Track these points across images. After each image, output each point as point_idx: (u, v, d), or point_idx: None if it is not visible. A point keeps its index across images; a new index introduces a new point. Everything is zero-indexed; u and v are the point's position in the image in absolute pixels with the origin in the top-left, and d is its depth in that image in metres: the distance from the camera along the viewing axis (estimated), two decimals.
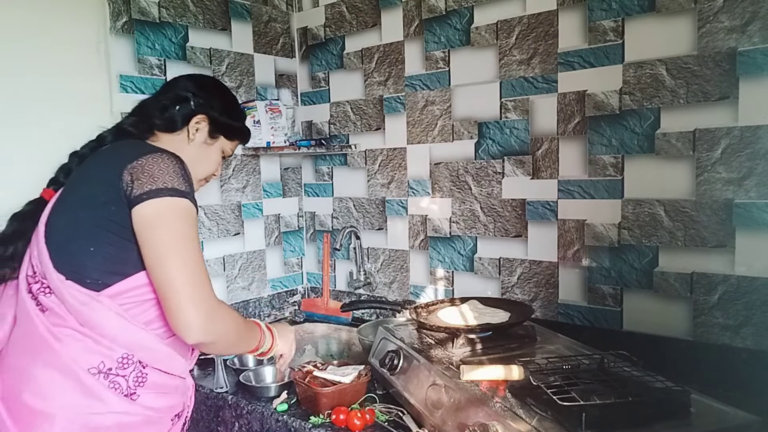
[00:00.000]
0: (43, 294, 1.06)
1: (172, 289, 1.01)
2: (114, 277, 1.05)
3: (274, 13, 2.36)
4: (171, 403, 1.14)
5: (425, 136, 2.06)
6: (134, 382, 1.06)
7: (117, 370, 1.05)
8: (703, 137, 1.49)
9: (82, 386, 1.02)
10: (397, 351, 1.49)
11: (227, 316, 1.10)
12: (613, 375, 1.20)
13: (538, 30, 1.75)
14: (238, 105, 1.39)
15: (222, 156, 1.34)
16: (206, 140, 1.29)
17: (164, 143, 1.22)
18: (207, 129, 1.28)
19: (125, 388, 1.05)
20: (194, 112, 1.26)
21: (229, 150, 1.36)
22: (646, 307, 1.60)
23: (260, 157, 2.31)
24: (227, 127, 1.31)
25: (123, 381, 1.05)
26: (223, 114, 1.30)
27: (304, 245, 2.51)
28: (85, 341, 1.03)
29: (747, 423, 1.03)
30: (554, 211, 1.76)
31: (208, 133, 1.28)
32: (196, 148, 1.28)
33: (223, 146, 1.33)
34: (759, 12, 1.39)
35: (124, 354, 1.05)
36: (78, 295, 1.03)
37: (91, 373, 1.03)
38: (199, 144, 1.28)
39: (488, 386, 1.21)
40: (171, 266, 1.02)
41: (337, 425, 1.40)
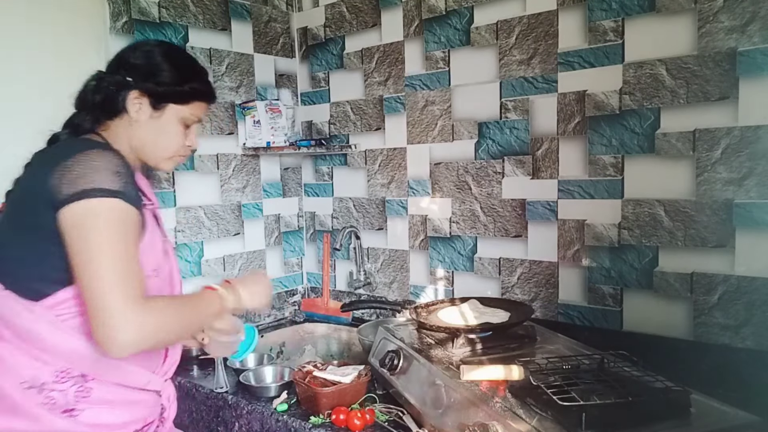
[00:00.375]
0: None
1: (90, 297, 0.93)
2: (53, 286, 1.00)
3: (274, 13, 2.36)
4: (130, 418, 1.08)
5: (425, 136, 2.06)
6: (74, 397, 1.00)
7: (53, 384, 0.99)
8: (703, 137, 1.49)
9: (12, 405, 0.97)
10: (397, 351, 1.49)
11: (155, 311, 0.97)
12: (613, 375, 1.20)
13: (538, 30, 1.75)
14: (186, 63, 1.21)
15: (186, 125, 1.20)
16: (152, 115, 1.15)
17: (113, 131, 1.14)
18: (148, 102, 1.14)
19: (63, 404, 0.99)
20: (129, 89, 1.13)
21: (190, 115, 1.19)
22: (646, 307, 1.60)
23: (260, 157, 2.31)
24: (172, 93, 1.16)
25: (60, 396, 0.99)
26: (161, 81, 1.14)
27: (304, 245, 2.52)
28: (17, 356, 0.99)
29: (747, 423, 1.03)
30: (554, 211, 1.76)
31: (151, 107, 1.14)
32: (146, 126, 1.15)
33: (179, 114, 1.17)
34: (759, 12, 1.39)
35: (63, 368, 1.00)
36: (14, 306, 0.99)
37: (23, 388, 0.98)
38: (146, 121, 1.15)
39: (488, 386, 1.21)
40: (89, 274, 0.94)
41: (337, 425, 1.40)
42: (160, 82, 1.14)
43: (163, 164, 1.22)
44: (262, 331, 2.13)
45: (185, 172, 2.05)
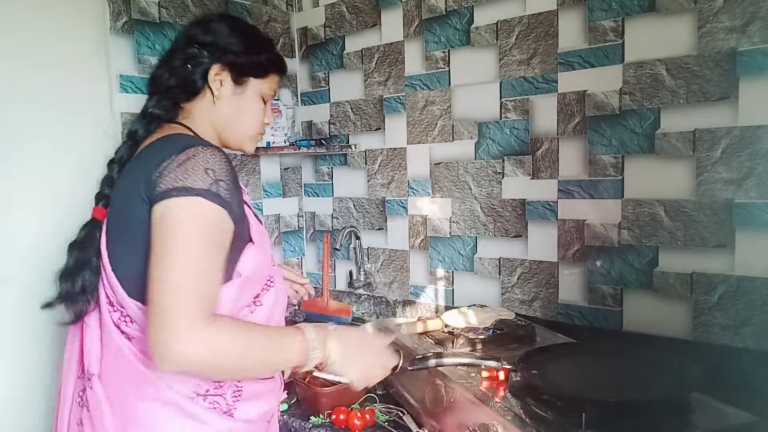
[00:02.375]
0: (124, 323, 0.99)
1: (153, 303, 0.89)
2: None
3: (274, 13, 2.36)
4: (266, 408, 1.09)
5: (425, 136, 2.06)
6: (232, 399, 1.02)
7: (214, 390, 1.00)
8: (703, 137, 1.49)
9: (183, 412, 0.97)
10: (397, 351, 1.48)
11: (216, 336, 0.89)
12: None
13: (538, 30, 1.75)
14: (258, 34, 1.17)
15: (264, 100, 1.15)
16: (235, 90, 1.11)
17: (195, 114, 1.11)
18: (230, 77, 1.10)
19: (224, 405, 1.01)
20: (208, 64, 1.08)
21: (268, 90, 1.15)
22: (646, 307, 1.60)
23: (260, 157, 2.31)
24: (252, 64, 1.11)
25: (221, 399, 1.01)
26: (241, 52, 1.10)
27: (304, 245, 2.51)
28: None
29: (747, 423, 1.03)
30: (554, 211, 1.76)
31: (233, 82, 1.10)
32: (228, 103, 1.11)
33: (259, 89, 1.14)
34: (759, 12, 1.39)
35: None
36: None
37: (190, 397, 0.98)
38: (229, 98, 1.11)
39: (488, 386, 1.21)
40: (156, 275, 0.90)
41: (337, 425, 1.40)
42: (239, 53, 1.09)
43: (247, 144, 1.17)
44: None
45: None
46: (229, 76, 1.10)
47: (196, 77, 1.08)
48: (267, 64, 1.13)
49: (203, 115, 1.10)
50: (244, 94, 1.12)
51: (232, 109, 1.11)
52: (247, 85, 1.12)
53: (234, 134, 1.14)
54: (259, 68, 1.12)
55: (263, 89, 1.14)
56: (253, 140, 1.18)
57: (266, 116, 1.17)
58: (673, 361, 1.22)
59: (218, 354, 0.90)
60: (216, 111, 1.10)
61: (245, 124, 1.14)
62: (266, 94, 1.15)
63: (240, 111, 1.12)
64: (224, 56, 1.08)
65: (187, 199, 0.92)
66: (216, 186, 0.94)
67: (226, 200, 0.95)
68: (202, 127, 1.10)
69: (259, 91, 1.14)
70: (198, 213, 0.92)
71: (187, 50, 1.09)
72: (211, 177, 0.94)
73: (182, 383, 0.97)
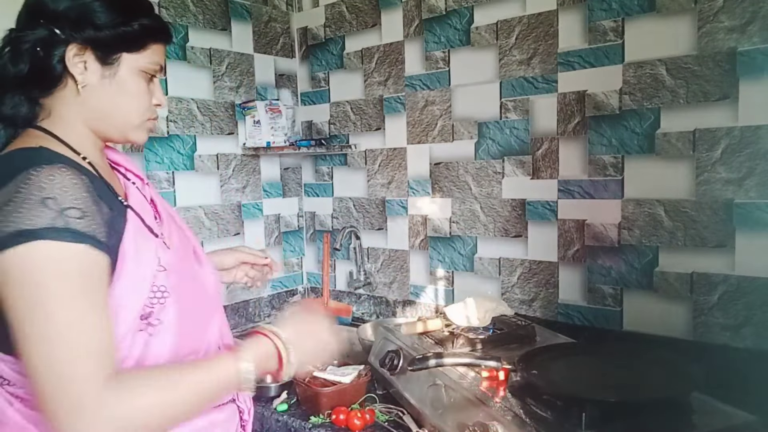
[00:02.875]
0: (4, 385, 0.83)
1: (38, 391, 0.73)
2: None
3: (274, 13, 2.36)
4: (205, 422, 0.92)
5: (425, 136, 2.06)
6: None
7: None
8: (703, 137, 1.49)
9: None
10: (397, 351, 1.49)
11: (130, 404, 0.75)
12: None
13: (538, 30, 1.75)
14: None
15: (148, 76, 0.92)
16: (104, 73, 0.87)
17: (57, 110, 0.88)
18: (94, 57, 0.87)
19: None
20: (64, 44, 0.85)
21: (150, 64, 0.91)
22: (646, 307, 1.60)
23: (260, 157, 2.31)
24: (122, 37, 0.87)
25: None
26: (105, 23, 0.86)
27: (304, 245, 2.51)
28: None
29: (747, 423, 1.03)
30: (554, 211, 1.76)
31: (99, 62, 0.87)
32: (99, 90, 0.88)
33: (137, 65, 0.90)
34: (759, 12, 1.39)
35: None
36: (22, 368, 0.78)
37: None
38: (99, 83, 0.88)
39: (488, 386, 1.21)
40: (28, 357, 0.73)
41: (337, 425, 1.40)
42: (101, 26, 0.86)
43: (133, 134, 0.94)
44: None
45: (185, 172, 2.05)
46: (93, 55, 0.86)
47: (52, 63, 0.84)
48: (142, 33, 0.89)
49: (68, 109, 0.88)
50: (116, 76, 0.88)
51: (105, 96, 0.88)
52: (120, 63, 0.88)
53: (114, 126, 0.92)
54: (132, 40, 0.88)
55: (142, 64, 0.90)
56: (142, 128, 0.94)
57: (155, 96, 0.95)
58: (673, 361, 1.22)
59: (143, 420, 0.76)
60: (84, 102, 0.88)
61: (125, 111, 0.91)
62: (149, 69, 0.92)
63: (116, 96, 0.89)
64: (83, 32, 0.85)
65: (27, 246, 0.72)
66: (62, 219, 0.74)
67: (82, 232, 0.75)
68: (70, 125, 0.89)
69: (136, 68, 0.90)
70: (48, 261, 0.73)
71: (35, 30, 0.85)
72: (53, 208, 0.74)
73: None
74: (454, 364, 1.27)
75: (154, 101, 0.95)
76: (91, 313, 0.76)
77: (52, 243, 0.73)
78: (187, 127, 2.05)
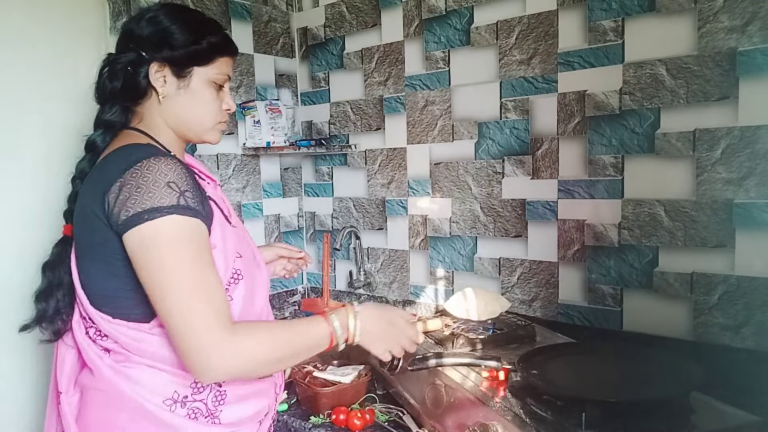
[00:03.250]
0: (99, 338, 0.99)
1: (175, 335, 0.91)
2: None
3: (274, 13, 2.36)
4: (256, 408, 1.06)
5: (425, 136, 2.06)
6: (214, 404, 1.00)
7: (193, 395, 0.98)
8: (703, 137, 1.49)
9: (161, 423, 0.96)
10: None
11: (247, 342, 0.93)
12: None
13: (538, 30, 1.75)
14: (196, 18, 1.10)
15: (217, 85, 1.09)
16: (179, 85, 1.06)
17: (147, 117, 1.07)
18: (171, 72, 1.05)
19: (205, 411, 0.99)
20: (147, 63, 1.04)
21: (218, 75, 1.08)
22: (646, 307, 1.60)
23: (260, 157, 2.31)
24: (192, 54, 1.05)
25: (202, 405, 0.99)
26: (177, 45, 1.04)
27: (304, 245, 2.51)
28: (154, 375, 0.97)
29: (747, 423, 1.03)
30: (554, 211, 1.76)
31: (175, 76, 1.05)
32: (176, 99, 1.06)
33: (207, 76, 1.07)
34: (759, 12, 1.39)
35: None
36: (130, 332, 0.97)
37: (166, 405, 0.96)
38: (176, 94, 1.06)
39: (488, 386, 1.21)
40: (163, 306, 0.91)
41: (337, 425, 1.40)
42: (176, 46, 1.03)
43: (208, 136, 1.12)
44: None
45: None
46: (170, 71, 1.04)
47: (139, 79, 1.04)
48: (209, 50, 1.06)
49: (155, 115, 1.07)
50: (189, 87, 1.06)
51: (181, 104, 1.06)
52: (191, 76, 1.06)
53: (191, 129, 1.10)
54: (200, 56, 1.05)
55: (211, 75, 1.07)
56: (215, 131, 1.12)
57: (225, 102, 1.12)
58: (673, 361, 1.22)
59: (252, 360, 0.94)
60: (165, 109, 1.06)
61: (199, 116, 1.08)
62: (217, 79, 1.08)
63: (190, 104, 1.07)
64: (161, 52, 1.03)
65: (160, 220, 0.90)
66: (183, 198, 0.93)
67: (197, 209, 0.94)
68: (158, 127, 1.07)
69: (207, 79, 1.07)
70: (177, 232, 0.92)
71: (126, 52, 1.05)
72: (176, 190, 0.93)
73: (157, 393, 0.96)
74: (454, 364, 1.27)
75: (224, 107, 1.12)
76: (210, 272, 0.94)
77: (179, 217, 0.92)
78: None
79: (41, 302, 1.04)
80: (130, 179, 0.92)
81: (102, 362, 0.98)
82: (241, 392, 1.03)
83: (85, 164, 1.07)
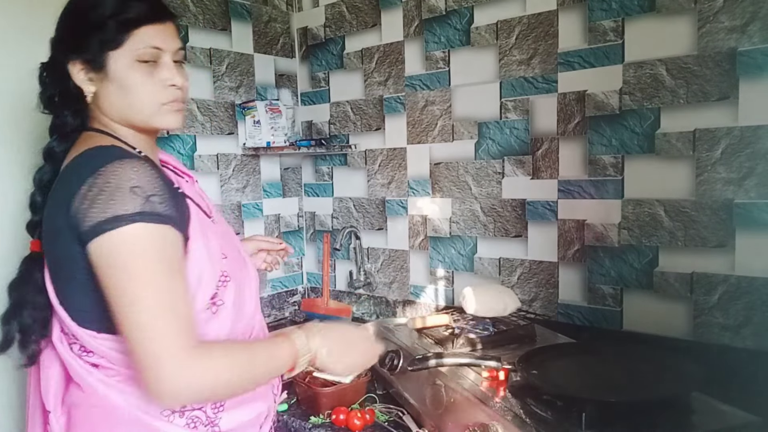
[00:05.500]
0: (85, 354, 0.93)
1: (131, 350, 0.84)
2: None
3: (274, 13, 2.36)
4: (255, 413, 1.03)
5: (425, 136, 2.06)
6: (213, 411, 0.95)
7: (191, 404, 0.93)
8: (703, 137, 1.49)
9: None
10: (397, 351, 1.49)
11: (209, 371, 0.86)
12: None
13: (538, 30, 1.75)
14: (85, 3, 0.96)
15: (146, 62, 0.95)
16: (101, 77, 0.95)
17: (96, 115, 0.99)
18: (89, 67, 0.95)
19: (205, 419, 0.94)
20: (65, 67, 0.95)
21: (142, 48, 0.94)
22: (646, 307, 1.60)
23: (260, 157, 2.31)
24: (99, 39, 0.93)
25: (201, 414, 0.94)
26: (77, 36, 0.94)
27: (304, 245, 2.51)
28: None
29: (747, 423, 1.03)
30: (554, 211, 1.76)
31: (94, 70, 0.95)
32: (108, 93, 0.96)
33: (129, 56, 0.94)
34: (759, 12, 1.39)
35: None
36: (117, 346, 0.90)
37: (164, 415, 0.92)
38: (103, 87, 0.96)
39: (488, 386, 1.21)
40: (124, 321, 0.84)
41: (337, 425, 1.40)
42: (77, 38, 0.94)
43: (157, 120, 0.98)
44: None
45: None
46: (88, 66, 0.95)
47: (67, 82, 0.96)
48: (117, 28, 0.92)
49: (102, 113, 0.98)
50: (112, 74, 0.94)
51: (114, 96, 0.95)
52: (108, 62, 0.93)
53: (135, 118, 0.98)
54: (107, 38, 0.92)
55: (133, 54, 0.94)
56: (163, 113, 0.98)
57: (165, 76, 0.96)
58: (673, 361, 1.22)
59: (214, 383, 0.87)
60: (102, 106, 0.97)
61: (137, 104, 0.96)
62: (141, 56, 0.94)
63: (120, 93, 0.95)
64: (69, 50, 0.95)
65: (123, 229, 0.83)
66: (149, 204, 0.85)
67: (166, 215, 0.87)
68: (111, 124, 0.99)
69: (129, 60, 0.94)
70: (141, 240, 0.84)
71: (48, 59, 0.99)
72: (140, 195, 0.85)
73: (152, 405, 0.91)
74: (454, 364, 1.27)
75: (167, 83, 0.97)
76: (178, 284, 0.87)
77: (145, 225, 0.84)
78: (187, 127, 2.05)
79: (5, 324, 0.96)
80: (93, 186, 0.85)
81: (92, 377, 0.92)
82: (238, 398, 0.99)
83: (43, 174, 0.99)
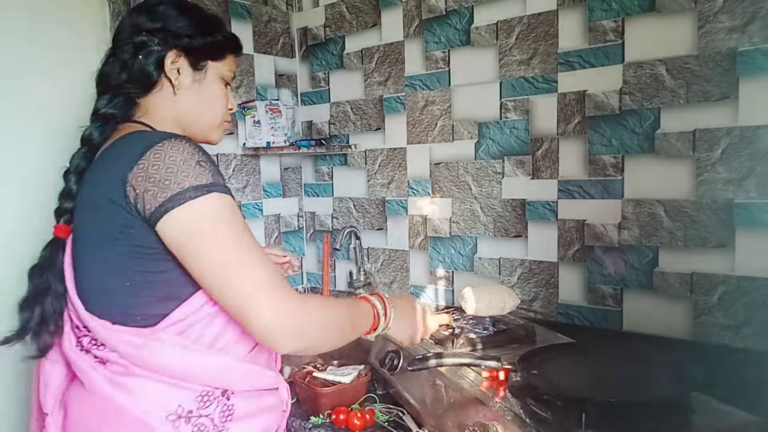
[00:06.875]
0: (95, 347, 0.91)
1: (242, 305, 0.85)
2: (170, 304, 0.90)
3: (274, 13, 2.36)
4: (264, 426, 1.00)
5: (425, 136, 2.06)
6: (221, 419, 0.92)
7: (199, 410, 0.90)
8: (703, 137, 1.49)
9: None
10: (397, 351, 1.49)
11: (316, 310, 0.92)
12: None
13: (538, 30, 1.75)
14: (207, 14, 1.08)
15: (225, 83, 1.08)
16: (195, 77, 1.03)
17: (152, 109, 1.02)
18: (187, 63, 1.02)
19: (212, 428, 0.91)
20: (162, 52, 0.99)
21: (227, 72, 1.07)
22: (646, 307, 1.60)
23: (260, 157, 2.31)
24: (209, 47, 1.03)
25: (208, 422, 0.91)
26: (196, 34, 1.01)
27: (304, 245, 2.51)
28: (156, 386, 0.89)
29: (747, 423, 1.03)
30: (554, 211, 1.76)
31: (192, 68, 1.02)
32: (190, 93, 1.03)
33: (219, 72, 1.06)
34: (759, 12, 1.39)
35: (203, 390, 0.91)
36: (131, 339, 0.88)
37: (170, 420, 0.88)
38: (190, 86, 1.02)
39: (488, 386, 1.21)
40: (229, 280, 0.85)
41: (337, 425, 1.40)
42: (194, 36, 1.01)
43: (213, 134, 1.09)
44: None
45: None
46: (186, 62, 1.01)
47: (151, 68, 0.99)
48: (223, 44, 1.05)
49: (163, 108, 1.02)
50: (204, 81, 1.04)
51: (195, 98, 1.03)
52: (206, 69, 1.04)
53: (199, 125, 1.06)
54: (215, 50, 1.04)
55: (223, 72, 1.06)
56: (220, 129, 1.10)
57: (230, 102, 1.10)
58: (673, 361, 1.22)
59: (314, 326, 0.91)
60: (177, 103, 1.02)
61: (210, 113, 1.06)
62: (226, 77, 1.07)
63: (203, 99, 1.04)
64: (178, 41, 1.00)
65: (203, 198, 0.86)
66: (217, 176, 0.90)
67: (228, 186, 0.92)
68: (162, 121, 1.01)
69: (219, 75, 1.06)
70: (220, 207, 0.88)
71: (135, 40, 0.99)
72: (207, 168, 0.89)
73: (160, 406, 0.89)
74: (454, 364, 1.26)
75: (229, 106, 1.10)
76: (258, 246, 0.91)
77: (219, 194, 0.88)
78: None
79: (25, 311, 0.94)
80: (156, 161, 0.86)
81: (96, 373, 0.89)
82: (251, 407, 0.96)
83: (79, 159, 1.00)
